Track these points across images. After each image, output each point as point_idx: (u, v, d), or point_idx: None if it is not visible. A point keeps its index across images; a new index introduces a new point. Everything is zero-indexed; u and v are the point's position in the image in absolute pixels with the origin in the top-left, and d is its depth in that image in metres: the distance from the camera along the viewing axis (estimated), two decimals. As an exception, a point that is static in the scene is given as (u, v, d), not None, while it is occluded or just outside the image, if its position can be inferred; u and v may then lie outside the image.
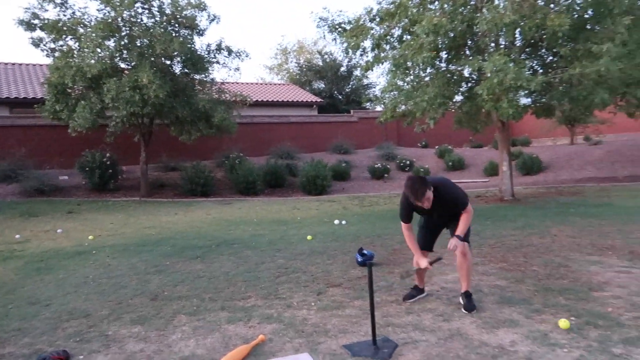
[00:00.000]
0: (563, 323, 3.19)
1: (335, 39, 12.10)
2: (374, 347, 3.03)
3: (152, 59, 12.65)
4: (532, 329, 3.28)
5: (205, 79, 14.34)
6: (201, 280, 4.86)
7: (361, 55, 11.84)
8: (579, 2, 9.69)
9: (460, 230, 3.63)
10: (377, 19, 11.19)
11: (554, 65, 10.61)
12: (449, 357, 2.90)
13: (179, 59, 13.52)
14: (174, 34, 12.93)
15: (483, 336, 3.20)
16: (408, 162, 18.51)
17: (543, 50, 10.92)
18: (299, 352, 3.06)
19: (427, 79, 10.92)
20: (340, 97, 29.79)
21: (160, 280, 4.91)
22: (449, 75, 10.95)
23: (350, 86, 30.37)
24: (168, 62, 13.48)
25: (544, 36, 9.39)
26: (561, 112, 11.77)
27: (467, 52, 10.99)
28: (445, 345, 3.08)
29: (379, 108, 22.42)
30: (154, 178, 15.33)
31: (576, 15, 9.63)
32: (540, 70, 10.78)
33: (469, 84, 11.31)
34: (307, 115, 22.38)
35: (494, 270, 4.85)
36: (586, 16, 9.92)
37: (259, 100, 21.55)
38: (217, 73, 50.13)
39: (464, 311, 3.65)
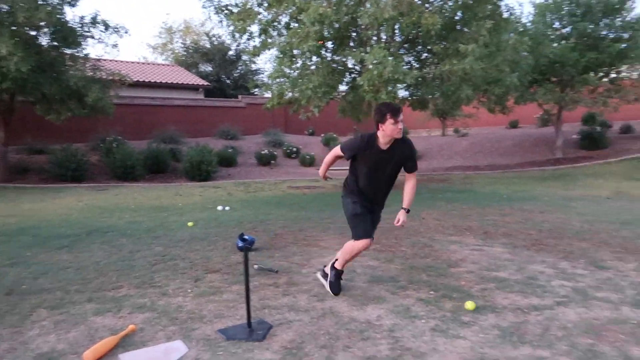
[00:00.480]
0: (470, 305, 3.46)
1: (221, 21, 11.84)
2: (249, 330, 3.07)
3: (14, 27, 11.28)
4: (396, 304, 3.55)
5: (77, 54, 13.16)
6: (67, 272, 4.50)
7: (248, 39, 11.72)
8: (450, 4, 10.53)
9: (407, 202, 3.63)
10: (265, 4, 11.14)
11: (428, 61, 11.45)
12: (320, 334, 3.03)
13: (46, 30, 12.24)
14: (40, 2, 11.64)
15: (353, 313, 3.40)
16: (295, 149, 18.77)
17: (419, 47, 11.70)
18: (172, 339, 2.99)
19: (312, 67, 11.14)
20: (228, 81, 29.20)
21: (17, 273, 4.46)
22: (334, 65, 11.28)
23: (238, 71, 29.88)
24: (33, 33, 12.13)
25: (420, 33, 10.06)
26: (434, 105, 12.73)
27: (352, 44, 11.40)
28: (318, 323, 3.22)
29: (268, 94, 22.43)
30: (16, 161, 13.80)
31: (447, 17, 10.46)
32: (417, 66, 11.56)
33: (352, 75, 11.77)
34: (193, 99, 21.64)
35: (368, 252, 5.14)
36: (456, 18, 10.82)
37: (141, 80, 20.34)
38: (92, 49, 46.21)
39: (329, 290, 3.74)
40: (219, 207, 8.44)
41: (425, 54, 11.83)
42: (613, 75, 15.47)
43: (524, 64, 11.76)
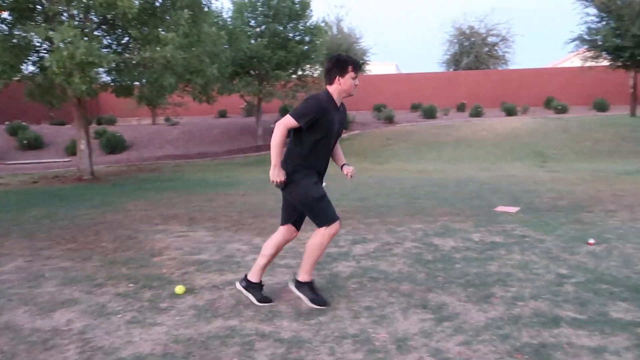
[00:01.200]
0: (179, 289, 3.45)
1: None
2: None
3: None
4: (91, 304, 3.33)
5: None
6: None
7: None
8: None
9: (343, 157, 3.38)
10: None
11: (130, 46, 10.93)
12: (-10, 356, 2.60)
13: None
14: None
15: (36, 323, 3.03)
16: (-33, 140, 15.34)
17: (119, 30, 11.03)
18: None
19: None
20: None
21: None
22: (15, 40, 9.62)
23: None
24: None
25: (118, 16, 9.48)
26: (140, 92, 12.26)
27: (38, 19, 9.92)
28: (-12, 344, 2.75)
29: None
30: None
31: (146, 2, 10.15)
32: (118, 50, 10.90)
33: (41, 54, 10.29)
34: None
35: (61, 252, 4.66)
36: (156, 4, 10.61)
37: None
38: None
39: (314, 306, 3.16)
40: None
41: (127, 38, 11.24)
42: (300, 73, 17.91)
43: (223, 56, 12.45)
